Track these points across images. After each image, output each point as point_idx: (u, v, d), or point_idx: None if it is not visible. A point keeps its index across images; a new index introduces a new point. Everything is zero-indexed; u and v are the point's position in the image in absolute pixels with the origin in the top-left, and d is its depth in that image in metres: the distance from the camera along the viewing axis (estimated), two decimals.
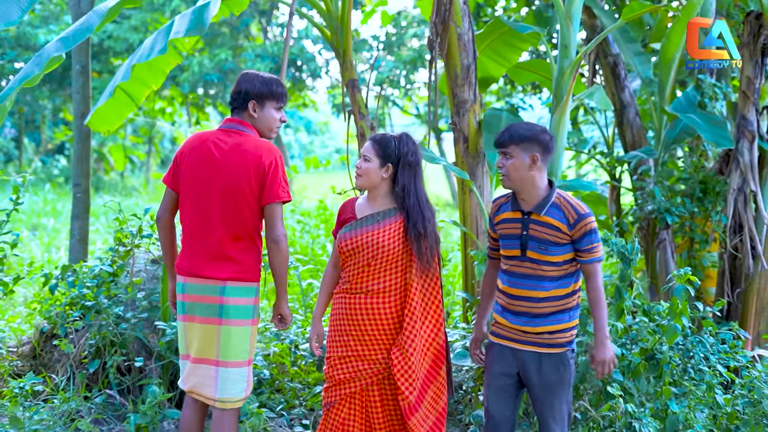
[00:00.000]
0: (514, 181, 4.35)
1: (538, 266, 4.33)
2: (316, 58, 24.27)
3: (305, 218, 13.27)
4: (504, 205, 4.50)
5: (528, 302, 4.36)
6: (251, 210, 4.40)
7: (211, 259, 4.41)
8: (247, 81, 4.51)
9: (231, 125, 4.51)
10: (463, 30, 6.49)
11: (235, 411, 4.50)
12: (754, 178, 6.86)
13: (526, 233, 4.35)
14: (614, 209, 8.90)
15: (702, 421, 5.31)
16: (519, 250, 4.38)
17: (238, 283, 4.41)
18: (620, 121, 8.33)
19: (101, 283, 6.25)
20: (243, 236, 4.42)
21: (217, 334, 4.39)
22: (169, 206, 4.61)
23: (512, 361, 4.45)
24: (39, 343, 6.71)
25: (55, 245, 13.37)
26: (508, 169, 4.33)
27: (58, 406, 5.84)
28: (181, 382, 4.57)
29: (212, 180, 4.40)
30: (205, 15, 5.72)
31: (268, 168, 4.36)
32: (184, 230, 4.52)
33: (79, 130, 7.90)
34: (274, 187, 4.38)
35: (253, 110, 4.50)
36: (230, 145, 4.42)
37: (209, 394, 4.44)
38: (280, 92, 4.55)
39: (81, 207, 7.97)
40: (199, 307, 4.42)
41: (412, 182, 4.52)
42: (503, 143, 4.33)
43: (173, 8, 22.05)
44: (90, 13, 5.97)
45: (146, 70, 6.70)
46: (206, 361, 4.44)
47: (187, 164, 4.48)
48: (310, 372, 6.53)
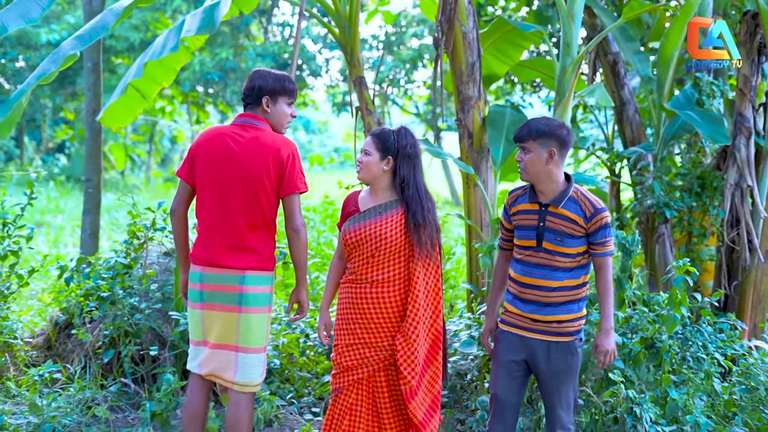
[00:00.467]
0: (531, 174, 4.47)
1: (552, 257, 4.47)
2: (316, 57, 24.40)
3: (310, 214, 13.41)
4: (521, 197, 4.62)
5: (540, 291, 4.49)
6: (269, 201, 4.56)
7: (231, 249, 4.57)
8: (260, 77, 4.67)
9: (246, 120, 4.67)
10: (467, 29, 6.63)
11: (251, 395, 4.67)
12: (750, 173, 6.98)
13: (543, 224, 4.48)
14: (614, 204, 9.04)
15: (700, 407, 5.47)
16: (535, 240, 4.50)
17: (257, 272, 4.57)
18: (620, 118, 8.44)
19: (116, 275, 6.40)
20: (260, 226, 4.57)
21: (237, 322, 4.56)
22: (183, 198, 4.75)
23: (521, 348, 4.58)
24: (54, 334, 6.88)
25: (63, 241, 13.54)
26: (526, 164, 4.45)
27: (74, 394, 5.99)
28: (196, 367, 4.71)
29: (231, 172, 4.55)
30: (215, 14, 5.87)
31: (287, 160, 4.53)
32: (202, 221, 4.67)
33: (91, 127, 8.05)
34: (292, 178, 4.55)
35: (266, 105, 4.66)
36: (248, 138, 4.58)
37: (229, 377, 4.60)
38: (292, 88, 4.72)
39: (92, 202, 8.15)
40: (220, 296, 4.57)
41: (411, 174, 4.65)
42: (522, 138, 4.46)
43: (175, 7, 22.18)
44: (105, 12, 6.13)
45: (158, 68, 6.84)
46: (226, 347, 4.60)
47: (204, 157, 4.63)
48: (319, 362, 6.69)
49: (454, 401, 6.06)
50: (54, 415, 5.61)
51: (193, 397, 4.74)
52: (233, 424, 4.63)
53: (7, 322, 6.70)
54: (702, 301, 5.90)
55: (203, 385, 4.74)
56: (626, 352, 5.50)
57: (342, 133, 43.46)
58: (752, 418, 5.59)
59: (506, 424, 4.67)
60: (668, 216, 7.34)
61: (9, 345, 6.72)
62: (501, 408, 4.67)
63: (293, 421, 5.93)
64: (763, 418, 5.55)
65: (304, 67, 24.13)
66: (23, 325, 7.24)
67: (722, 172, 7.35)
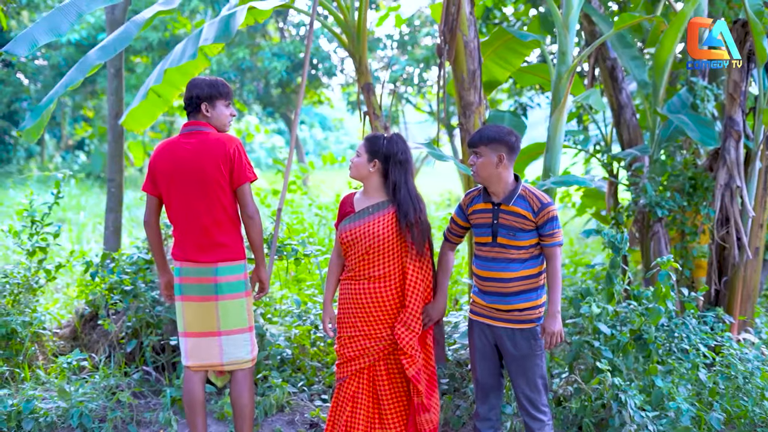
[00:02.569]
0: (483, 177, 4.88)
1: (507, 250, 4.86)
2: (331, 56, 24.65)
3: (322, 211, 13.74)
4: (476, 198, 5.03)
5: (499, 282, 4.88)
6: (226, 195, 4.99)
7: (202, 247, 5.00)
8: (195, 87, 5.11)
9: (191, 128, 5.09)
10: (469, 38, 6.92)
11: (249, 371, 5.13)
12: (740, 174, 7.20)
13: (497, 222, 4.88)
14: (612, 203, 9.30)
15: (684, 395, 5.79)
16: (490, 237, 4.91)
17: (228, 263, 5.03)
18: (618, 120, 8.67)
19: (138, 270, 6.79)
20: (224, 221, 5.00)
21: (216, 310, 5.01)
22: (153, 210, 5.19)
23: (489, 335, 5.01)
24: (80, 325, 7.27)
25: (85, 238, 13.92)
26: (478, 167, 4.86)
27: (99, 382, 6.35)
28: (184, 359, 5.15)
29: (187, 179, 4.97)
30: (231, 24, 6.20)
31: (233, 155, 4.97)
32: (174, 226, 5.12)
33: (113, 129, 8.39)
34: (242, 170, 4.99)
35: (206, 111, 5.09)
36: (195, 144, 5.00)
37: (216, 362, 5.06)
38: (226, 91, 5.16)
39: (114, 201, 8.50)
40: (196, 288, 5.02)
41: (402, 178, 5.02)
42: (474, 144, 4.87)
43: (192, 7, 22.49)
44: (128, 23, 6.48)
45: (177, 74, 7.13)
46: (208, 334, 5.04)
47: (161, 170, 5.06)
48: (329, 352, 7.02)
49: (453, 389, 6.41)
50: (81, 400, 5.95)
51: (190, 388, 5.14)
52: (236, 399, 5.11)
53: (35, 314, 7.06)
54: (689, 296, 6.23)
55: (196, 376, 5.15)
56: (615, 343, 5.80)
57: (357, 131, 43.63)
58: (731, 405, 5.92)
59: (490, 405, 5.10)
60: (660, 215, 7.55)
61: (38, 335, 7.08)
62: (483, 391, 5.11)
63: (304, 407, 6.26)
64: (741, 405, 5.89)
65: (319, 66, 24.37)
66: (51, 317, 7.62)
67: (713, 173, 7.57)
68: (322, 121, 42.82)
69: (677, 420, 5.55)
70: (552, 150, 7.00)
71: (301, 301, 7.24)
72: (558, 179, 6.69)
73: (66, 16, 5.97)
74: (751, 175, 7.41)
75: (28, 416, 5.82)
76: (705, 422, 5.71)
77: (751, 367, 6.02)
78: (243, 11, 6.26)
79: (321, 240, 10.91)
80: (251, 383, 5.15)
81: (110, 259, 7.11)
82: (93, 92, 27.17)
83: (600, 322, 5.82)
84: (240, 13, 6.25)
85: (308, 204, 15.14)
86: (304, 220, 12.49)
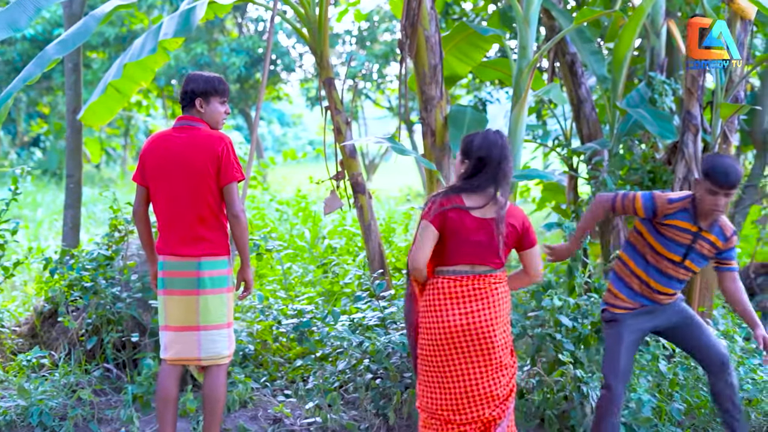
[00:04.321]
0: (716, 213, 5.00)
1: (688, 274, 5.15)
2: (290, 51, 24.61)
3: (283, 207, 13.73)
4: (681, 212, 5.05)
5: (665, 296, 5.19)
6: (212, 193, 4.97)
7: (186, 241, 4.98)
8: (192, 81, 5.08)
9: (183, 122, 5.08)
10: (430, 33, 6.95)
11: (223, 367, 5.10)
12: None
13: (693, 245, 5.03)
14: (572, 197, 9.37)
15: (645, 386, 5.87)
16: (680, 257, 5.06)
17: (211, 258, 5.00)
18: (577, 115, 8.74)
19: (98, 266, 6.73)
20: (209, 217, 4.98)
21: (197, 304, 4.98)
22: (142, 200, 5.17)
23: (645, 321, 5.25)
24: (39, 322, 7.20)
25: (42, 235, 13.79)
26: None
27: (59, 379, 6.27)
28: (162, 351, 5.13)
29: (176, 172, 4.96)
30: (191, 18, 6.18)
31: (222, 153, 4.95)
32: (158, 218, 5.09)
33: (71, 125, 8.28)
34: (229, 169, 4.96)
35: (200, 106, 5.06)
36: (186, 139, 4.99)
37: (194, 356, 5.03)
38: (223, 88, 5.13)
39: (73, 197, 8.39)
40: (179, 281, 5.00)
41: None
42: (733, 185, 4.91)
43: (150, 3, 22.35)
44: (87, 18, 6.43)
45: (136, 69, 7.04)
46: (188, 328, 5.01)
47: (151, 161, 5.04)
48: (291, 347, 7.03)
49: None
50: (41, 399, 5.88)
51: (164, 382, 5.11)
52: (209, 395, 5.06)
53: None
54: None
55: (173, 371, 5.12)
56: (576, 335, 5.87)
57: (316, 126, 43.67)
58: (692, 395, 6.00)
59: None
60: None
61: None
62: (625, 377, 5.23)
63: (266, 403, 6.24)
64: (701, 395, 5.97)
65: (278, 62, 24.32)
66: (9, 315, 7.55)
67: (671, 166, 7.65)
68: (281, 117, 42.84)
69: (638, 411, 5.61)
70: (513, 144, 7.04)
71: (264, 296, 7.21)
72: (519, 173, 6.74)
73: (24, 11, 5.91)
74: None
75: None
76: (666, 413, 5.78)
77: None
78: (203, 6, 6.25)
79: (282, 235, 10.90)
80: (225, 379, 5.13)
81: (70, 255, 7.05)
82: (49, 88, 26.90)
83: (562, 314, 5.88)
84: (200, 7, 6.24)
85: (269, 199, 15.12)
86: (265, 216, 12.47)
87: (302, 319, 6.63)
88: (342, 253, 9.77)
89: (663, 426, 5.70)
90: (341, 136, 6.99)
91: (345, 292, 8.13)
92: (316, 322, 6.58)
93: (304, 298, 7.61)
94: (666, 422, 5.76)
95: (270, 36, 6.34)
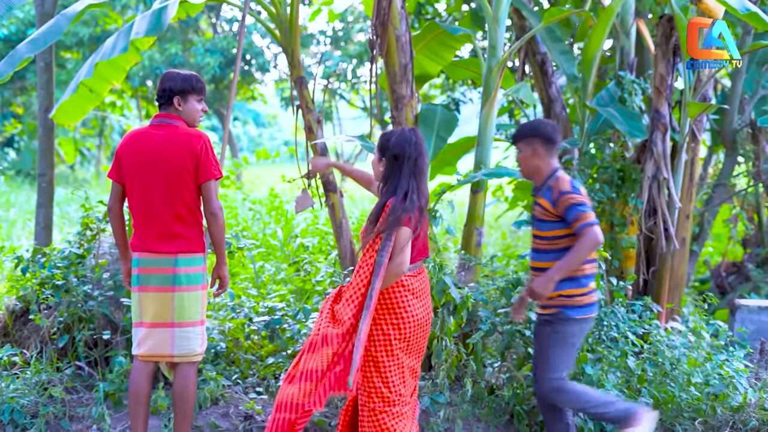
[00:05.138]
0: (525, 171, 5.10)
1: (535, 241, 5.14)
2: (265, 52, 24.61)
3: (256, 206, 13.75)
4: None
5: (536, 272, 5.14)
6: (189, 190, 5.02)
7: (161, 237, 5.03)
8: (170, 79, 5.13)
9: (161, 120, 5.13)
10: (400, 32, 7.00)
11: (194, 364, 5.15)
12: (666, 166, 7.39)
13: (533, 211, 5.14)
14: None
15: (614, 382, 5.94)
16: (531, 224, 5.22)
17: (187, 255, 5.04)
18: (548, 114, 8.79)
19: (70, 265, 6.74)
20: (185, 215, 5.03)
21: (172, 301, 5.02)
22: (117, 197, 5.22)
23: None
24: (10, 321, 7.19)
25: (15, 234, 13.75)
26: (519, 162, 5.09)
27: (30, 377, 6.27)
28: (135, 347, 5.16)
29: (152, 169, 5.00)
30: (163, 17, 6.19)
31: (200, 151, 5.00)
32: (134, 215, 5.13)
33: (44, 124, 8.31)
34: (207, 167, 5.01)
35: (178, 104, 5.12)
36: (163, 137, 5.03)
37: (167, 353, 5.07)
38: (200, 86, 5.20)
39: (45, 196, 8.42)
40: (154, 278, 5.03)
41: None
42: (513, 140, 5.12)
43: (123, 3, 22.30)
44: (58, 16, 6.43)
45: (108, 68, 7.09)
46: (162, 324, 5.05)
47: (127, 158, 5.09)
48: (263, 345, 7.06)
49: None
50: (12, 396, 5.91)
51: (137, 379, 5.15)
52: (180, 392, 5.10)
53: None
54: (618, 285, 6.38)
55: (145, 367, 5.16)
56: None
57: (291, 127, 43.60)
58: (659, 391, 6.08)
59: None
60: None
61: None
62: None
63: (238, 400, 6.27)
64: (668, 390, 6.04)
65: (252, 62, 24.32)
66: None
67: (641, 165, 7.75)
68: (256, 118, 42.74)
69: None
70: (483, 143, 7.10)
71: (235, 294, 7.25)
72: (489, 171, 6.79)
73: None
74: (678, 167, 7.60)
75: None
76: None
77: (678, 354, 6.18)
78: (175, 5, 6.26)
79: (255, 234, 10.92)
80: (195, 377, 5.17)
81: (41, 254, 7.05)
82: (23, 88, 26.79)
83: (531, 311, 5.93)
84: (171, 6, 6.24)
85: (242, 199, 15.13)
86: (237, 215, 12.48)
87: (274, 316, 6.67)
88: (314, 252, 9.81)
89: None
90: (312, 135, 7.02)
91: (317, 290, 8.16)
92: (287, 320, 6.63)
93: (276, 296, 7.64)
94: None
95: (241, 34, 6.37)
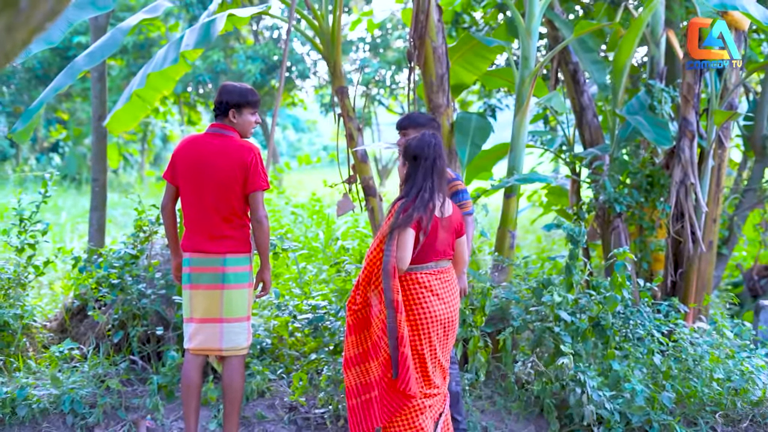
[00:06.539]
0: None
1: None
2: (305, 59, 24.91)
3: (298, 210, 14.09)
4: None
5: None
6: (237, 198, 5.38)
7: (211, 239, 5.38)
8: (227, 93, 5.49)
9: (216, 129, 5.50)
10: (437, 44, 7.29)
11: (242, 357, 5.49)
12: (693, 172, 7.62)
13: None
14: (575, 200, 9.66)
15: (639, 377, 6.22)
16: None
17: (235, 255, 5.40)
18: (580, 122, 9.05)
19: (124, 265, 7.12)
20: (233, 218, 5.39)
21: (221, 298, 5.37)
22: (170, 197, 5.58)
23: None
24: (68, 318, 7.59)
25: (67, 237, 14.16)
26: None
27: (88, 371, 6.67)
28: (187, 342, 5.52)
29: (204, 175, 5.37)
30: (212, 30, 6.52)
31: (250, 163, 5.36)
32: (185, 217, 5.50)
33: (97, 131, 8.67)
34: (255, 178, 5.38)
35: (233, 116, 5.49)
36: (218, 146, 5.40)
37: (216, 346, 5.42)
38: (255, 100, 5.54)
39: (99, 200, 8.78)
40: (204, 277, 5.39)
41: None
42: (402, 126, 5.63)
43: (167, 11, 22.70)
44: (114, 30, 6.80)
45: (159, 78, 7.46)
46: (211, 320, 5.40)
47: (182, 162, 5.45)
48: (305, 342, 7.37)
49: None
50: (72, 387, 6.29)
51: (188, 372, 5.50)
52: (228, 384, 5.44)
53: (27, 307, 7.38)
54: (644, 286, 6.64)
55: (196, 361, 5.51)
56: (574, 329, 6.23)
57: (330, 132, 43.96)
58: (683, 386, 6.34)
59: None
60: (619, 210, 7.92)
61: (28, 327, 7.37)
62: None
63: (283, 393, 6.60)
64: (691, 385, 6.31)
65: (293, 68, 24.60)
66: (41, 311, 7.92)
67: (669, 171, 7.99)
68: (296, 123, 43.06)
69: (632, 400, 5.98)
70: (516, 149, 7.39)
71: (280, 293, 7.56)
72: (521, 177, 7.08)
73: (57, 25, 6.29)
74: (705, 173, 7.84)
75: (22, 403, 6.12)
76: (658, 402, 6.11)
77: (701, 351, 6.44)
78: (222, 18, 6.59)
79: (297, 237, 11.27)
80: (243, 370, 5.51)
81: (97, 254, 7.44)
82: (68, 95, 27.32)
83: (561, 309, 6.23)
84: (220, 20, 6.58)
85: (284, 203, 15.47)
86: (281, 218, 12.83)
87: (316, 314, 6.99)
88: (354, 254, 10.09)
89: (655, 414, 6.03)
90: (353, 142, 7.28)
91: None
92: (329, 317, 6.95)
93: (318, 295, 7.94)
94: (658, 411, 6.08)
95: (285, 49, 6.66)
